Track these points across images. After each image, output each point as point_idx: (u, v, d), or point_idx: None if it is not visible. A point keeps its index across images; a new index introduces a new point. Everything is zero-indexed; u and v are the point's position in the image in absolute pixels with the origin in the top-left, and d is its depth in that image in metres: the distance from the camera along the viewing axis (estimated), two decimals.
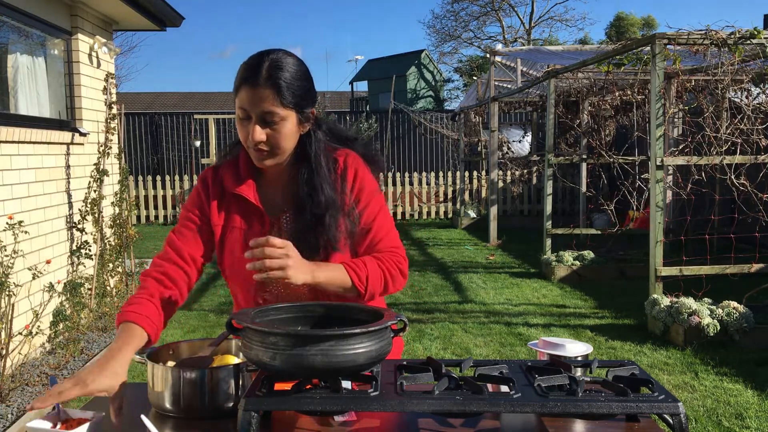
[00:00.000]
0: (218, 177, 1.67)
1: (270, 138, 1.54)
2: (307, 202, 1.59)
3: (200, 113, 15.42)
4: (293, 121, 1.55)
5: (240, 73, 1.53)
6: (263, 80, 1.49)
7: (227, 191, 1.64)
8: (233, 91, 1.55)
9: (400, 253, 1.64)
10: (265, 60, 1.52)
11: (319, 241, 1.58)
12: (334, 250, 1.60)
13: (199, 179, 1.70)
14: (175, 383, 1.40)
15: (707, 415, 3.59)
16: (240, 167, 1.65)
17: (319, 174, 1.60)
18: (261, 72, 1.50)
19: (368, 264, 1.57)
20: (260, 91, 1.49)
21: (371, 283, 1.55)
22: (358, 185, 1.64)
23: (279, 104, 1.51)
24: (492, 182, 10.27)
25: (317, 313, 1.45)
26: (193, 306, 6.35)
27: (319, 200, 1.58)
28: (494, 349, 4.83)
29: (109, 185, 6.09)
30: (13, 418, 3.55)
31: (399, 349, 1.84)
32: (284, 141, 1.55)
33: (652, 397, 1.23)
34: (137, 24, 6.66)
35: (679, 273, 5.25)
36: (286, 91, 1.51)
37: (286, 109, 1.52)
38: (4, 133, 4.32)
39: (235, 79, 1.54)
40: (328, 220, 1.58)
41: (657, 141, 5.17)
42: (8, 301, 3.97)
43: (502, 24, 27.85)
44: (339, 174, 1.63)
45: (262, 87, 1.49)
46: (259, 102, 1.50)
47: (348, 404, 1.22)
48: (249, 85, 1.50)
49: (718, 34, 5.16)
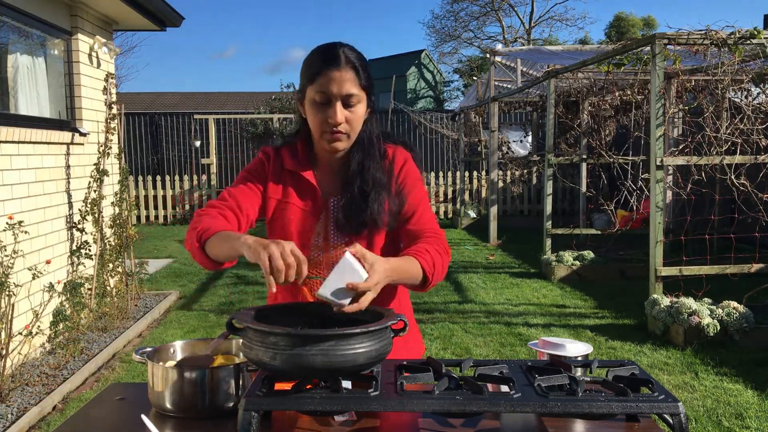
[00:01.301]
0: (279, 156, 1.75)
1: (348, 119, 1.62)
2: (356, 179, 1.67)
3: (200, 113, 15.42)
4: (364, 104, 1.65)
5: (318, 60, 1.60)
6: (344, 63, 1.58)
7: (285, 169, 1.73)
8: (308, 78, 1.61)
9: (443, 236, 1.71)
10: (340, 47, 1.61)
11: (363, 217, 1.65)
12: (378, 227, 1.67)
13: (261, 152, 1.77)
14: (175, 383, 1.40)
15: (707, 415, 3.59)
16: (298, 151, 1.74)
17: (369, 155, 1.69)
18: (341, 56, 1.59)
19: (429, 250, 1.60)
20: (344, 73, 1.58)
21: (437, 268, 1.60)
22: (404, 172, 1.73)
23: (358, 85, 1.60)
24: (492, 182, 10.27)
25: (317, 313, 1.45)
26: (193, 306, 6.35)
27: (367, 178, 1.67)
28: (494, 349, 4.83)
29: (109, 185, 6.09)
30: (13, 418, 3.55)
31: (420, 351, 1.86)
32: (358, 123, 1.65)
33: (652, 397, 1.23)
34: (137, 24, 6.66)
35: (679, 273, 5.25)
36: (362, 73, 1.61)
37: (362, 91, 1.62)
38: (4, 133, 4.33)
39: (309, 67, 1.61)
40: (374, 197, 1.66)
41: (657, 141, 5.18)
42: (8, 301, 3.97)
43: (502, 24, 27.87)
44: (389, 160, 1.73)
45: (344, 69, 1.58)
46: (343, 83, 1.58)
47: (348, 404, 1.22)
48: (333, 68, 1.58)
49: (718, 34, 5.16)
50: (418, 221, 1.71)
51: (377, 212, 1.66)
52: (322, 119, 1.61)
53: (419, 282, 1.57)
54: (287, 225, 1.70)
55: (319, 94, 1.59)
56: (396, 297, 1.77)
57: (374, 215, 1.65)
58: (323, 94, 1.59)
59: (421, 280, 1.57)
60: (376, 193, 1.66)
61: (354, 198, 1.67)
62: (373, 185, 1.66)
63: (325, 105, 1.60)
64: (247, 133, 15.00)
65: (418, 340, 1.90)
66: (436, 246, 1.63)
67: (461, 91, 28.69)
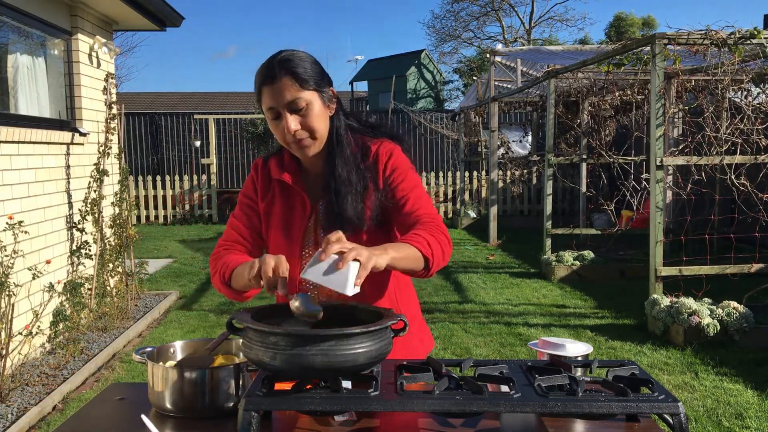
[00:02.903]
0: (266, 166, 1.78)
1: (303, 125, 1.61)
2: (330, 180, 1.67)
3: (200, 113, 15.42)
4: (319, 103, 1.62)
5: (257, 79, 1.62)
6: (278, 73, 1.57)
7: (272, 178, 1.75)
8: (256, 99, 1.65)
9: (440, 221, 1.64)
10: (275, 58, 1.61)
11: (344, 217, 1.64)
12: (359, 225, 1.65)
13: (252, 167, 1.82)
14: (175, 383, 1.40)
15: (707, 415, 3.59)
16: (284, 157, 1.76)
17: (337, 152, 1.67)
18: (274, 68, 1.58)
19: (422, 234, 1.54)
20: (279, 84, 1.57)
21: (435, 252, 1.52)
22: (391, 164, 1.69)
23: (300, 88, 1.58)
24: (492, 182, 10.27)
25: None
26: (193, 306, 6.35)
27: (337, 176, 1.65)
28: (494, 349, 4.83)
29: (109, 185, 6.09)
30: (13, 418, 3.55)
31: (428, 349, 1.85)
32: (316, 122, 1.62)
33: (652, 397, 1.23)
34: (137, 24, 6.66)
35: (679, 273, 5.25)
36: (302, 75, 1.58)
37: (308, 92, 1.59)
38: (4, 133, 4.32)
39: (255, 87, 1.63)
40: (347, 196, 1.64)
41: (657, 141, 5.18)
42: (8, 301, 3.97)
43: (502, 24, 27.86)
44: (371, 158, 1.69)
45: (279, 79, 1.57)
46: (282, 93, 1.57)
47: (348, 404, 1.22)
48: (268, 83, 1.58)
49: (718, 34, 5.16)
50: (412, 207, 1.65)
51: (353, 210, 1.64)
52: (280, 133, 1.63)
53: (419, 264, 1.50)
54: (278, 234, 1.72)
55: (268, 112, 1.61)
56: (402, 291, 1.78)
57: (350, 213, 1.63)
58: (270, 110, 1.60)
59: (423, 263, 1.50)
60: (346, 191, 1.64)
61: (331, 199, 1.66)
62: (342, 183, 1.65)
63: (277, 119, 1.61)
64: (247, 133, 14.99)
65: (428, 333, 1.91)
66: (431, 230, 1.56)
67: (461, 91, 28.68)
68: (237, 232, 1.75)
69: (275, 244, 1.72)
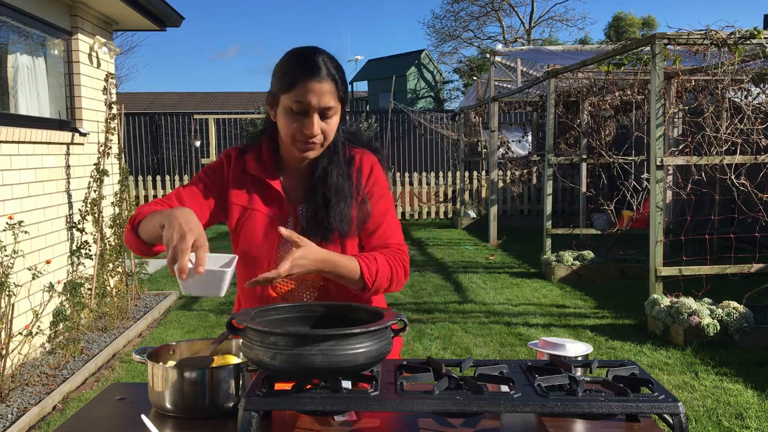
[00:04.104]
0: (242, 159, 1.69)
1: (323, 131, 1.59)
2: (320, 186, 1.65)
3: (200, 113, 15.42)
4: (339, 115, 1.62)
5: (296, 67, 1.54)
6: (325, 74, 1.53)
7: (249, 174, 1.67)
8: (284, 85, 1.55)
9: (405, 251, 1.69)
10: (319, 55, 1.56)
11: (331, 225, 1.62)
12: (346, 235, 1.64)
13: (223, 155, 1.71)
14: (175, 383, 1.40)
15: (707, 415, 3.59)
16: (263, 154, 1.69)
17: (334, 161, 1.66)
18: (322, 67, 1.54)
19: (378, 259, 1.61)
20: (324, 85, 1.53)
21: (379, 278, 1.59)
22: (372, 180, 1.70)
23: (336, 98, 1.57)
24: (492, 182, 10.27)
25: (317, 313, 1.45)
26: (193, 306, 6.35)
27: (330, 185, 1.64)
28: (494, 349, 4.83)
29: (109, 185, 6.09)
30: (13, 418, 3.55)
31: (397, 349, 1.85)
32: (332, 133, 1.62)
33: (652, 397, 1.23)
34: (137, 24, 6.66)
35: (679, 273, 5.25)
36: (341, 85, 1.58)
37: (339, 103, 1.59)
38: (4, 133, 4.32)
39: (286, 73, 1.55)
40: (338, 204, 1.63)
41: (657, 141, 5.17)
42: (8, 301, 3.97)
43: (502, 24, 27.87)
44: (356, 167, 1.69)
45: (325, 81, 1.53)
46: (323, 96, 1.54)
47: (348, 404, 1.22)
48: (313, 79, 1.53)
49: (718, 34, 5.16)
50: (384, 233, 1.69)
51: (339, 220, 1.63)
52: (297, 129, 1.57)
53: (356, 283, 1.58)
54: (253, 233, 1.65)
55: (297, 104, 1.54)
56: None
57: (336, 223, 1.62)
58: (300, 104, 1.54)
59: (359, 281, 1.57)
60: (338, 200, 1.63)
61: (317, 205, 1.64)
62: (335, 192, 1.63)
63: (301, 115, 1.55)
64: (247, 133, 14.98)
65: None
66: (390, 257, 1.63)
67: (461, 91, 28.69)
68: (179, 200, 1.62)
69: (249, 239, 1.66)
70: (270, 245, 1.64)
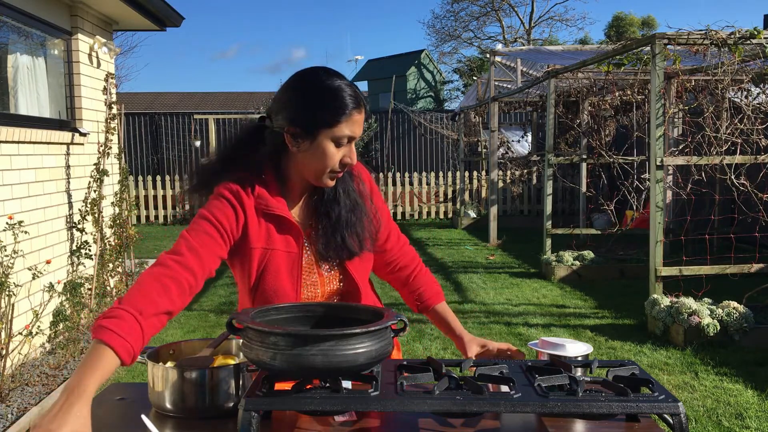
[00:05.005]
0: (254, 194, 1.57)
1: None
2: (333, 206, 1.63)
3: (200, 113, 15.42)
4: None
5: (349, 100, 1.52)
6: (363, 102, 1.56)
7: (262, 210, 1.57)
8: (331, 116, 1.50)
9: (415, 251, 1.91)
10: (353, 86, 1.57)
11: (347, 243, 1.62)
12: (363, 250, 1.67)
13: (231, 194, 1.55)
14: (175, 383, 1.40)
15: (707, 415, 3.59)
16: (269, 184, 1.59)
17: (343, 178, 1.65)
18: (362, 99, 1.56)
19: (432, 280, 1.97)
20: (362, 116, 1.56)
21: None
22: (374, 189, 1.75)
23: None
24: (492, 182, 10.27)
25: (317, 313, 1.45)
26: (193, 306, 6.35)
27: (346, 202, 1.64)
28: None
29: (109, 185, 6.09)
30: (13, 418, 3.55)
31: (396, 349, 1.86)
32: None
33: (652, 397, 1.23)
34: (137, 24, 6.66)
35: (679, 273, 5.25)
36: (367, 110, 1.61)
37: None
38: (4, 133, 4.32)
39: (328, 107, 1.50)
40: (355, 220, 1.64)
41: (657, 141, 5.17)
42: (8, 301, 3.97)
43: (502, 24, 27.85)
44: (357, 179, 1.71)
45: (363, 111, 1.56)
46: (361, 125, 1.57)
47: (348, 404, 1.22)
48: (358, 111, 1.54)
49: (718, 34, 5.16)
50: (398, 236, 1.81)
51: (361, 237, 1.64)
52: (334, 160, 1.53)
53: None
54: (276, 273, 1.59)
55: (344, 137, 1.52)
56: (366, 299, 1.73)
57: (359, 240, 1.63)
58: (345, 137, 1.52)
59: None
60: (356, 217, 1.64)
61: (333, 225, 1.62)
62: (352, 209, 1.64)
63: (341, 146, 1.54)
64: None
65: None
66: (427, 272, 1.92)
67: (461, 91, 28.68)
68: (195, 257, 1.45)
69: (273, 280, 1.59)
70: (294, 283, 1.62)
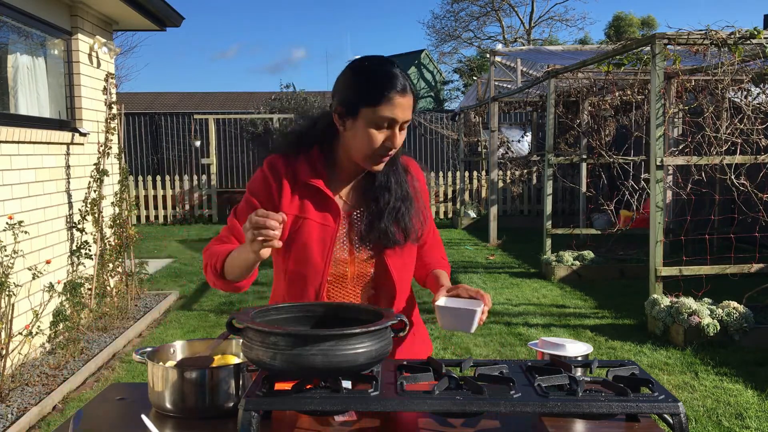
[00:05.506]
0: (291, 167, 1.66)
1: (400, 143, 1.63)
2: (384, 193, 1.67)
3: (200, 113, 15.42)
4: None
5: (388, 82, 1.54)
6: (409, 89, 1.58)
7: (301, 181, 1.65)
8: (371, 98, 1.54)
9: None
10: (399, 69, 1.59)
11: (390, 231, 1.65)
12: (410, 241, 1.70)
13: (267, 165, 1.67)
14: (175, 383, 1.40)
15: (707, 415, 3.59)
16: (315, 160, 1.67)
17: (394, 170, 1.69)
18: (406, 83, 1.57)
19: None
20: (408, 100, 1.57)
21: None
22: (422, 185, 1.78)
23: (412, 111, 1.61)
24: (492, 182, 10.27)
25: (317, 313, 1.45)
26: (193, 306, 6.35)
27: (396, 192, 1.68)
28: (494, 349, 4.83)
29: (109, 185, 6.08)
30: (13, 418, 3.55)
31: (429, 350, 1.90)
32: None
33: (652, 397, 1.23)
34: (137, 24, 6.66)
35: (679, 273, 5.25)
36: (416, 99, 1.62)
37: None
38: (4, 133, 4.32)
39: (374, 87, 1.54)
40: (404, 211, 1.67)
41: (657, 141, 5.17)
42: (8, 301, 3.97)
43: (502, 24, 27.86)
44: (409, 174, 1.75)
45: (409, 95, 1.57)
46: (408, 110, 1.58)
47: (348, 404, 1.22)
48: (406, 93, 1.56)
49: (718, 34, 5.16)
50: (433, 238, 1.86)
51: (408, 227, 1.68)
52: (375, 143, 1.57)
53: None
54: (307, 240, 1.63)
55: (384, 119, 1.55)
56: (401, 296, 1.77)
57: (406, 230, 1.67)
58: (392, 118, 1.55)
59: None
60: (405, 208, 1.67)
61: (379, 212, 1.65)
62: (402, 199, 1.68)
63: (383, 129, 1.56)
64: (247, 133, 15.00)
65: (426, 339, 1.93)
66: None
67: (461, 91, 28.68)
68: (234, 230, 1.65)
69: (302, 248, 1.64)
70: (323, 256, 1.64)
